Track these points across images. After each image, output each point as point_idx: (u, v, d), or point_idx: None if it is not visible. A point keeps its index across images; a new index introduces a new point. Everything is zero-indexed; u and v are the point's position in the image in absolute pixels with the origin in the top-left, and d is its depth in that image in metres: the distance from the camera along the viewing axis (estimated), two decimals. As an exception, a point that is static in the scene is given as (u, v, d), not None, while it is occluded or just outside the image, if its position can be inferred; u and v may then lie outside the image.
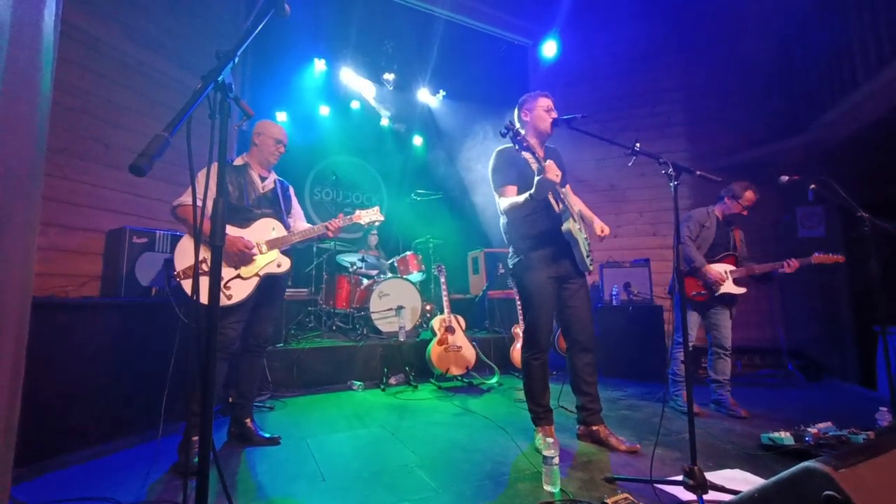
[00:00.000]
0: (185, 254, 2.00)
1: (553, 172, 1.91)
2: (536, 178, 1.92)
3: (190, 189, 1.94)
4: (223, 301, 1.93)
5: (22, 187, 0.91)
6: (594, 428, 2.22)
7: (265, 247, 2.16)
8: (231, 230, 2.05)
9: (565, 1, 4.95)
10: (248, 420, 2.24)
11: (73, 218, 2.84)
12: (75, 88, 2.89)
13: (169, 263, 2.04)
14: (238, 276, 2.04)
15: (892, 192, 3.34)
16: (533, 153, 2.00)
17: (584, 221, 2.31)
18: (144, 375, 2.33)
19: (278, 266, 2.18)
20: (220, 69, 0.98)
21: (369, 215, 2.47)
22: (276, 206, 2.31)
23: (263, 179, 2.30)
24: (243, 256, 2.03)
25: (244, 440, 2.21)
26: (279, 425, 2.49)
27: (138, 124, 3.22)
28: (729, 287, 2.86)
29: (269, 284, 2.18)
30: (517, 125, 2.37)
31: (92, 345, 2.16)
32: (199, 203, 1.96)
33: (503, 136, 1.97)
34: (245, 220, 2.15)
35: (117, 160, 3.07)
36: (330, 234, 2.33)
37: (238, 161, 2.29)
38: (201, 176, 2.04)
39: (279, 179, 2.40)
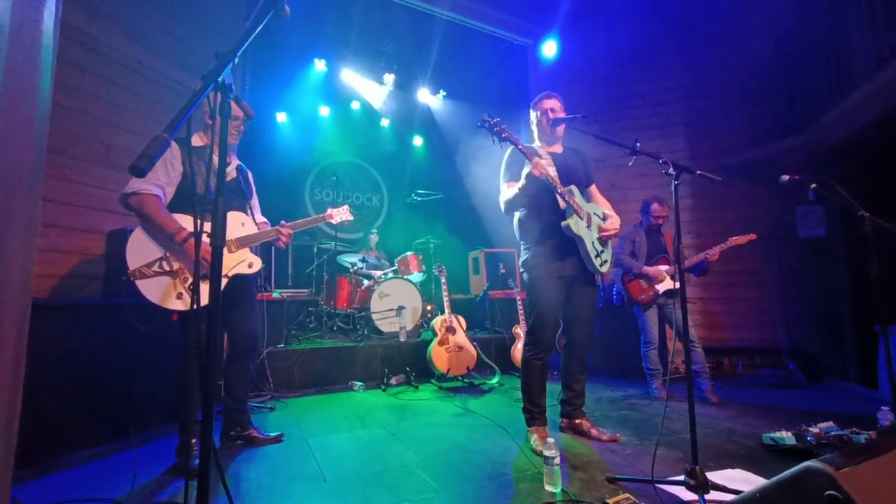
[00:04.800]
0: (139, 250, 1.81)
1: (539, 168, 1.97)
2: (524, 171, 1.99)
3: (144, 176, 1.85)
4: (189, 306, 1.81)
5: (22, 188, 0.91)
6: (577, 421, 2.39)
7: (234, 245, 1.99)
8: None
9: (565, 1, 4.95)
10: (247, 422, 2.23)
11: (74, 219, 2.84)
12: (75, 89, 2.89)
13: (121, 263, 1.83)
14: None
15: (892, 192, 3.33)
16: (516, 145, 2.05)
17: (605, 221, 2.33)
18: (145, 376, 2.34)
19: (249, 266, 2.03)
20: (220, 70, 0.98)
21: (340, 214, 2.47)
22: (241, 198, 2.12)
23: (227, 165, 2.06)
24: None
25: (245, 441, 2.20)
26: (280, 426, 2.48)
27: (138, 125, 3.22)
28: (668, 284, 3.28)
29: (238, 286, 2.03)
30: (532, 121, 2.42)
31: (93, 346, 2.16)
32: (160, 192, 1.90)
33: (478, 127, 2.02)
34: (210, 213, 1.99)
35: (117, 161, 3.07)
36: (292, 230, 2.14)
37: (197, 141, 1.97)
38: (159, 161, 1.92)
39: (240, 165, 2.21)
